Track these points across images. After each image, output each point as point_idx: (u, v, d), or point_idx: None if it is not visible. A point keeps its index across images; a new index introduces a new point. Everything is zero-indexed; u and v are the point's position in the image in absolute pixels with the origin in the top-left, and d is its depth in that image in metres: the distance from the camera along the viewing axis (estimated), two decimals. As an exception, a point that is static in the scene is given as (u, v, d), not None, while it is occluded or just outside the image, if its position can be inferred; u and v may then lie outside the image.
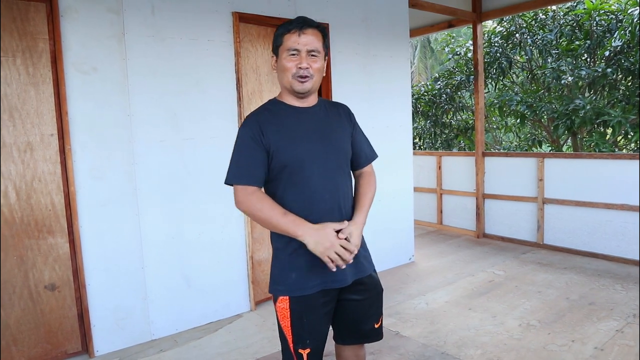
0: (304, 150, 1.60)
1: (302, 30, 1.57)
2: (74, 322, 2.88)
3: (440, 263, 4.72)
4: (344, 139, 1.73)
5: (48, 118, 2.71)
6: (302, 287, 1.60)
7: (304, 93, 1.62)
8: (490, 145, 8.26)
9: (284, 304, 1.62)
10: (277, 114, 1.64)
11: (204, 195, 3.29)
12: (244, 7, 3.40)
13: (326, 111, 1.73)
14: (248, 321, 3.39)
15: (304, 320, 1.62)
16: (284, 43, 1.59)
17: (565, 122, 5.89)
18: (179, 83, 3.12)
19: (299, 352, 1.63)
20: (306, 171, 1.60)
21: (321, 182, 1.61)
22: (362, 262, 1.72)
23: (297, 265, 1.61)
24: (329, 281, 1.62)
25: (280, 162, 1.59)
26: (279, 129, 1.60)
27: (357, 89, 4.12)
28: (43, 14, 2.65)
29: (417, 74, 14.32)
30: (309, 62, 1.58)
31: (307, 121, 1.65)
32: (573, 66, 6.17)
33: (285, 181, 1.60)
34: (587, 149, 6.31)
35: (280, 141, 1.59)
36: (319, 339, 1.66)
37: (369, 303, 1.76)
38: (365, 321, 1.78)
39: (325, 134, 1.66)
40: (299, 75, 1.58)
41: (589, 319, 3.23)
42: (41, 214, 2.73)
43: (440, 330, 3.16)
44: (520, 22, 6.70)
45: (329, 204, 1.62)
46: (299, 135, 1.62)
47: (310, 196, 1.60)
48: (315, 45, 1.59)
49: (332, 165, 1.65)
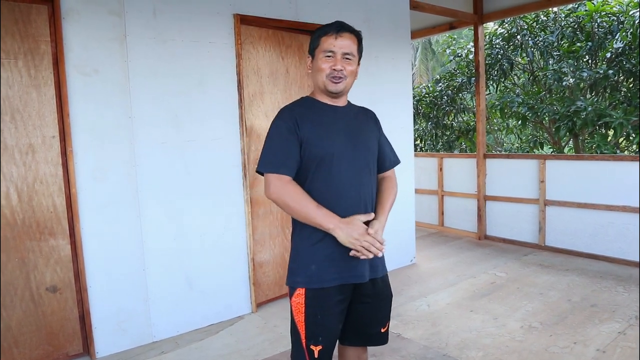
0: (334, 145, 1.65)
1: (339, 34, 1.64)
2: (75, 324, 2.88)
3: (442, 265, 4.72)
4: (371, 140, 1.78)
5: (50, 120, 2.72)
6: (321, 279, 1.63)
7: (336, 93, 1.68)
8: (492, 147, 8.26)
9: (300, 299, 1.64)
10: (310, 108, 1.70)
11: (206, 197, 3.29)
12: (245, 9, 3.40)
13: (356, 113, 1.79)
14: (249, 323, 3.38)
15: (318, 316, 1.64)
16: (320, 45, 1.65)
17: (567, 123, 5.88)
18: (180, 85, 3.13)
19: (311, 348, 1.65)
20: (335, 166, 1.64)
21: (348, 178, 1.66)
22: (377, 263, 1.76)
23: (317, 258, 1.64)
24: (346, 276, 1.65)
25: (312, 155, 1.62)
26: (313, 122, 1.65)
27: (359, 91, 4.09)
28: (45, 16, 2.66)
29: (418, 76, 14.33)
30: (343, 65, 1.64)
31: (339, 119, 1.71)
32: (574, 68, 6.16)
33: (313, 173, 1.64)
34: (588, 151, 6.30)
35: (313, 134, 1.63)
36: (331, 337, 1.68)
37: (378, 307, 1.79)
38: (372, 325, 1.80)
39: (355, 133, 1.72)
40: (333, 76, 1.64)
41: (590, 320, 3.22)
42: (43, 215, 2.73)
43: (441, 332, 3.16)
44: (522, 23, 6.70)
45: (354, 200, 1.66)
46: (331, 131, 1.67)
47: (337, 191, 1.64)
48: (350, 49, 1.65)
49: (360, 163, 1.70)
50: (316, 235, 1.62)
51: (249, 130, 3.50)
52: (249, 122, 3.51)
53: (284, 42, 3.68)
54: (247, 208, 3.48)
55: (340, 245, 1.59)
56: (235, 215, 3.45)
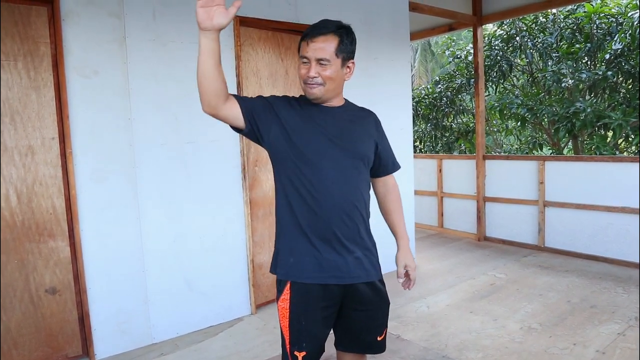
0: (319, 140, 1.62)
1: (312, 39, 1.59)
2: (75, 325, 2.88)
3: (441, 266, 4.72)
4: (365, 142, 1.72)
5: (49, 122, 2.72)
6: (299, 272, 1.61)
7: (313, 99, 1.64)
8: (491, 148, 8.26)
9: (285, 304, 1.63)
10: (304, 103, 1.68)
11: (205, 199, 3.29)
12: (244, 11, 3.40)
13: (352, 114, 1.74)
14: (249, 325, 3.38)
15: (302, 322, 1.61)
16: (300, 50, 1.64)
17: (566, 125, 5.89)
18: (180, 87, 3.13)
19: (295, 354, 1.63)
20: (317, 162, 1.60)
21: (332, 175, 1.61)
22: (367, 266, 1.70)
23: (296, 251, 1.63)
24: (327, 276, 1.61)
25: (295, 144, 1.60)
26: (302, 113, 1.65)
27: (358, 92, 4.10)
28: (44, 18, 2.66)
29: (417, 77, 14.33)
30: (318, 70, 1.58)
31: (328, 117, 1.67)
32: (573, 69, 6.17)
33: (294, 165, 1.61)
34: (587, 152, 6.31)
35: (298, 123, 1.62)
36: (315, 343, 1.65)
37: (372, 315, 1.74)
38: (367, 333, 1.75)
39: (344, 132, 1.67)
40: (307, 82, 1.61)
41: (590, 322, 3.22)
42: (42, 217, 2.73)
43: (441, 333, 3.16)
44: (521, 25, 6.71)
45: (336, 198, 1.61)
46: (318, 125, 1.64)
47: (319, 185, 1.60)
48: (324, 53, 1.57)
49: (347, 163, 1.65)
50: (297, 232, 1.62)
51: (248, 131, 3.50)
52: (249, 123, 3.50)
53: (284, 43, 3.68)
54: (247, 209, 3.48)
55: (323, 243, 1.59)
56: (235, 216, 3.45)
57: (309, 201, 1.60)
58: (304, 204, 1.61)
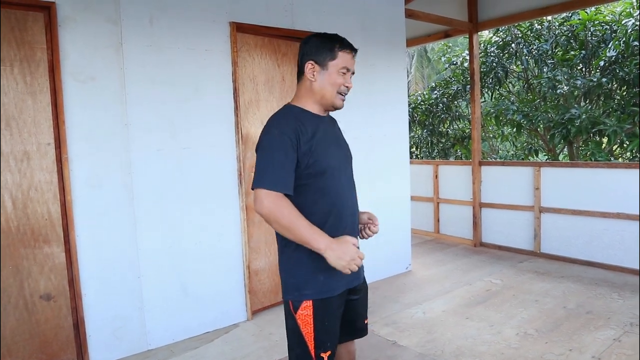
0: (334, 157, 1.68)
1: (355, 53, 1.70)
2: (70, 332, 2.86)
3: (438, 272, 4.72)
4: (349, 149, 1.86)
5: (45, 127, 2.71)
6: (331, 288, 1.65)
7: (337, 109, 1.72)
8: (487, 154, 8.29)
9: (307, 311, 1.63)
10: (304, 121, 1.63)
11: (201, 204, 3.29)
12: (241, 17, 3.42)
13: (331, 121, 1.81)
14: (244, 331, 3.37)
15: (326, 323, 1.65)
16: (339, 59, 1.65)
17: (561, 131, 5.92)
18: (176, 92, 3.13)
19: (321, 356, 1.65)
20: (336, 178, 1.66)
21: (346, 188, 1.71)
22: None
23: (324, 267, 1.57)
24: (351, 280, 1.71)
25: (319, 169, 1.60)
26: (313, 136, 1.61)
27: (355, 98, 4.13)
28: (41, 24, 2.67)
29: (414, 83, 14.39)
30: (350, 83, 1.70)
31: (328, 130, 1.73)
32: (569, 76, 6.21)
33: (314, 187, 1.61)
34: (583, 158, 6.33)
35: (318, 148, 1.61)
36: (335, 341, 1.72)
37: (362, 301, 1.88)
38: (360, 318, 1.88)
39: (341, 142, 1.79)
40: (343, 92, 1.68)
41: (586, 327, 3.22)
42: (37, 223, 2.72)
43: (437, 339, 3.15)
44: (516, 32, 6.76)
45: (352, 209, 1.73)
46: (328, 143, 1.68)
47: (340, 203, 1.67)
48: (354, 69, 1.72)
49: (350, 172, 1.77)
50: None
51: (244, 137, 3.51)
52: (245, 129, 3.51)
53: (280, 50, 3.70)
54: (243, 215, 3.48)
55: None
56: (231, 222, 3.44)
57: (334, 217, 1.64)
58: (329, 215, 1.64)
